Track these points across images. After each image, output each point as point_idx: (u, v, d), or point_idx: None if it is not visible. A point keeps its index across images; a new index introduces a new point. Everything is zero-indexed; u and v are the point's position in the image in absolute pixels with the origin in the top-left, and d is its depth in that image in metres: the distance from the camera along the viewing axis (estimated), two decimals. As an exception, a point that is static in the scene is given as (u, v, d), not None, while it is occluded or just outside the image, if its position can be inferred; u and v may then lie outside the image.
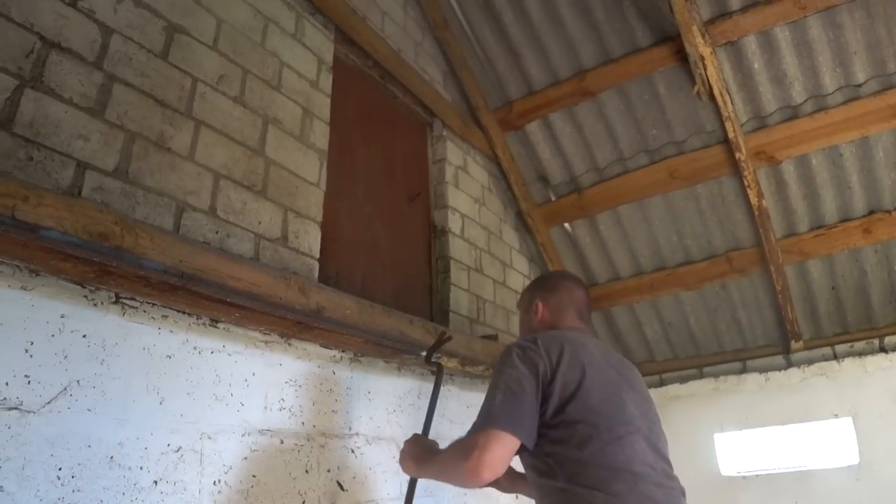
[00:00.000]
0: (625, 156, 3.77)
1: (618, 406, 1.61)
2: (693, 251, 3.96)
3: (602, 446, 1.51)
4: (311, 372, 2.09)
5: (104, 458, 1.46)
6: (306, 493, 1.94)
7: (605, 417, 1.56)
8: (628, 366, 1.88)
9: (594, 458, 1.50)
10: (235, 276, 1.60)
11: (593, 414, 1.55)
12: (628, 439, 1.55)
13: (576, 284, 2.04)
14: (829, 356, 3.90)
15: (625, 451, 1.53)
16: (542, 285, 2.07)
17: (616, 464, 1.50)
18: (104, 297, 1.55)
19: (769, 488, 3.75)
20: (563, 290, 1.98)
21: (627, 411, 1.61)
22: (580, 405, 1.56)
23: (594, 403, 1.57)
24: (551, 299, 1.96)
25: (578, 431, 1.52)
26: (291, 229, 2.12)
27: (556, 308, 1.94)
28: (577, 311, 1.95)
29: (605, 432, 1.53)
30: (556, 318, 1.93)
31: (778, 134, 3.39)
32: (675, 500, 1.55)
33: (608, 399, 1.61)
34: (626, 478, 1.48)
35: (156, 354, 1.62)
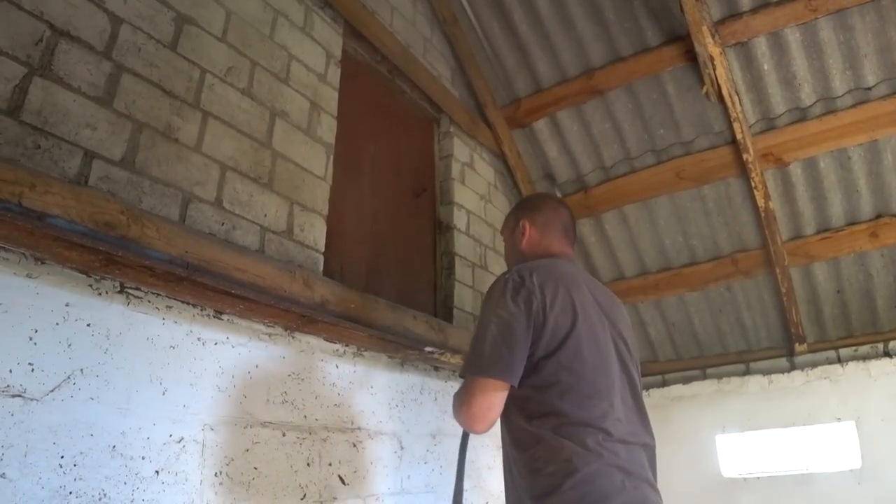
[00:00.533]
0: (632, 155, 3.76)
1: (603, 357, 1.61)
2: (699, 252, 3.95)
3: (581, 399, 1.52)
4: (314, 366, 2.09)
5: (106, 448, 1.46)
6: (307, 486, 1.94)
7: (591, 368, 1.56)
8: (613, 300, 1.85)
9: (572, 410, 1.51)
10: (240, 268, 1.60)
11: (579, 363, 1.55)
12: (606, 393, 1.56)
13: (559, 202, 2.02)
14: (833, 360, 3.89)
15: (602, 405, 1.53)
16: (525, 206, 2.02)
17: (591, 419, 1.50)
18: (109, 286, 1.54)
19: (770, 491, 3.74)
20: (547, 209, 1.93)
21: (611, 363, 1.62)
22: (568, 353, 1.55)
23: (582, 352, 1.56)
24: (537, 217, 1.91)
25: (562, 380, 1.53)
26: (297, 222, 2.12)
27: (543, 226, 1.89)
28: (563, 228, 1.90)
29: (587, 385, 1.54)
30: (545, 238, 1.88)
31: (786, 136, 3.37)
32: (636, 456, 1.57)
33: (595, 347, 1.60)
34: (598, 433, 1.49)
35: (159, 345, 1.62)
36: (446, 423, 2.68)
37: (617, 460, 1.48)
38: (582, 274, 1.80)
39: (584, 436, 1.48)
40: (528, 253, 1.88)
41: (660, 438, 4.23)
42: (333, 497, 2.02)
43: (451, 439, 2.68)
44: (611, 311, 1.75)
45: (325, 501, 1.98)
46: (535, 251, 1.86)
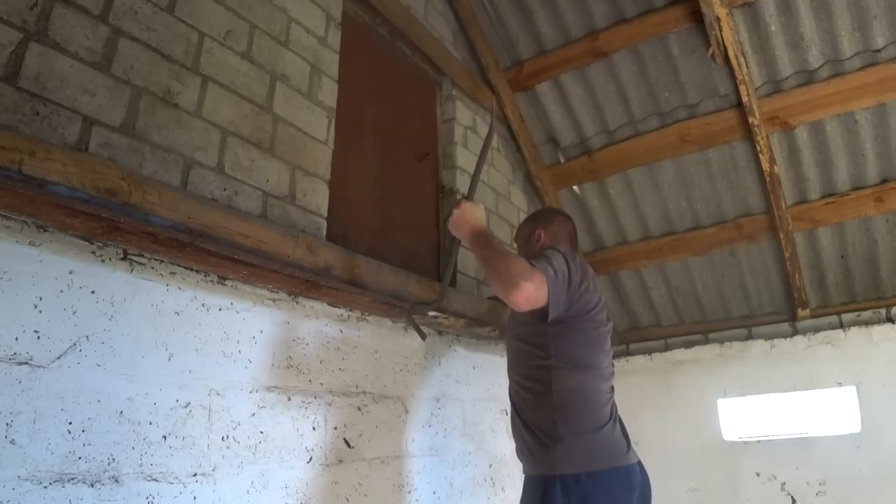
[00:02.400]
0: (636, 118, 3.72)
1: (606, 329, 2.02)
2: (702, 216, 3.92)
3: (589, 351, 1.92)
4: (319, 330, 2.10)
5: (114, 413, 1.47)
6: (313, 450, 1.97)
7: (604, 338, 2.00)
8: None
9: (581, 355, 1.90)
10: (244, 234, 1.60)
11: (595, 333, 1.95)
12: (605, 354, 1.99)
13: (566, 217, 2.33)
14: (836, 325, 3.88)
15: (598, 356, 1.96)
16: (538, 218, 2.33)
17: (594, 362, 1.93)
18: (112, 253, 1.55)
19: (770, 454, 3.78)
20: (557, 222, 2.25)
21: (609, 338, 2.05)
22: (590, 324, 1.93)
23: (598, 325, 1.96)
24: (549, 228, 2.22)
25: (578, 343, 1.90)
26: (299, 187, 2.11)
27: (554, 235, 2.19)
28: (569, 238, 2.23)
29: (595, 348, 1.95)
30: (556, 245, 2.11)
31: (793, 99, 3.32)
32: (607, 388, 1.98)
33: (604, 321, 2.01)
34: (593, 370, 1.91)
35: (164, 311, 1.63)
36: (450, 387, 2.71)
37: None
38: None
39: (585, 371, 1.97)
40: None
41: (662, 402, 4.29)
42: (339, 460, 2.05)
43: (454, 402, 2.71)
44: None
45: (331, 464, 2.02)
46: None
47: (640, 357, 4.31)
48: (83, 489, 1.37)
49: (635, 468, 1.85)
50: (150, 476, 1.50)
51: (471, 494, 2.68)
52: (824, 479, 3.63)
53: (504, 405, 3.09)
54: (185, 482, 1.57)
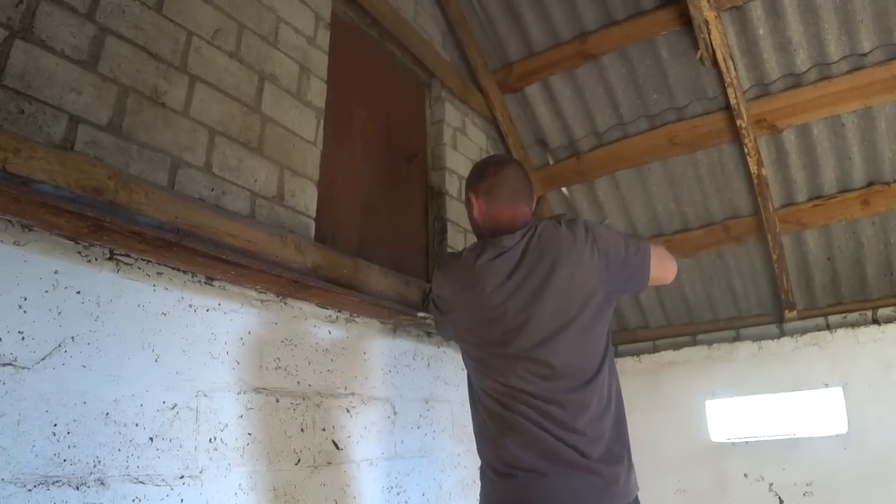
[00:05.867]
0: (625, 120, 3.73)
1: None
2: (690, 218, 3.95)
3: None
4: (307, 331, 2.09)
5: (100, 415, 1.46)
6: (302, 452, 1.95)
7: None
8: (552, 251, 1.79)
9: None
10: (231, 233, 1.59)
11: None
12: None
13: (502, 163, 1.93)
14: (822, 326, 3.91)
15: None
16: (470, 177, 1.97)
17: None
18: (98, 253, 1.53)
19: (757, 455, 3.81)
20: (489, 175, 1.87)
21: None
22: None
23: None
24: (480, 186, 1.86)
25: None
26: (288, 188, 2.10)
27: (488, 195, 1.83)
28: (510, 192, 1.83)
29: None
30: (491, 207, 1.83)
31: (780, 102, 3.34)
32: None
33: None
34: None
35: (151, 312, 1.61)
36: (439, 389, 2.70)
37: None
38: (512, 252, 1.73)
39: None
40: (481, 223, 1.87)
41: (650, 403, 4.29)
42: (328, 461, 2.04)
43: (442, 405, 2.71)
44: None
45: (320, 466, 2.00)
46: (486, 221, 1.85)
47: (628, 358, 4.33)
48: (68, 492, 1.35)
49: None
50: (136, 478, 1.48)
51: (459, 496, 2.67)
52: (811, 479, 3.66)
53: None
54: (172, 484, 1.55)
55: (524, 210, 1.84)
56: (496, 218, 1.82)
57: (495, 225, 1.81)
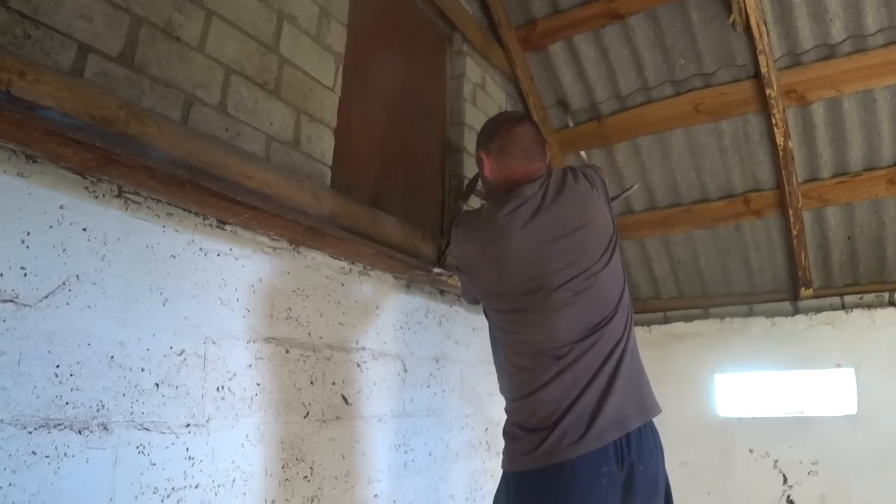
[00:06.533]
0: (649, 85, 3.61)
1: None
2: (710, 189, 3.85)
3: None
4: (320, 283, 2.02)
5: (104, 358, 1.40)
6: (310, 405, 1.90)
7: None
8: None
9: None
10: (246, 174, 1.51)
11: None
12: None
13: (513, 121, 1.90)
14: (838, 306, 3.86)
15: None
16: (480, 135, 1.95)
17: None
18: (106, 189, 1.45)
19: (764, 432, 3.78)
20: (501, 133, 1.84)
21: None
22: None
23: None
24: (492, 145, 1.84)
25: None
26: (304, 133, 2.01)
27: (500, 153, 1.82)
28: (523, 150, 1.81)
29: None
30: (503, 165, 1.81)
31: (812, 73, 3.22)
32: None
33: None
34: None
35: (159, 253, 1.54)
36: (449, 348, 2.65)
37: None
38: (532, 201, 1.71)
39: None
40: (493, 182, 1.85)
41: (659, 375, 4.28)
42: (336, 416, 1.99)
43: (453, 364, 2.66)
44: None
45: (328, 420, 1.96)
46: (499, 180, 1.83)
47: (638, 328, 4.24)
48: (70, 436, 1.30)
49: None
50: (140, 425, 1.43)
51: (466, 457, 2.64)
52: (817, 458, 3.65)
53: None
54: (177, 432, 1.50)
55: (538, 166, 1.82)
56: (509, 177, 1.80)
57: (509, 184, 1.78)
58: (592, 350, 1.61)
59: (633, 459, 1.57)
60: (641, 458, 1.59)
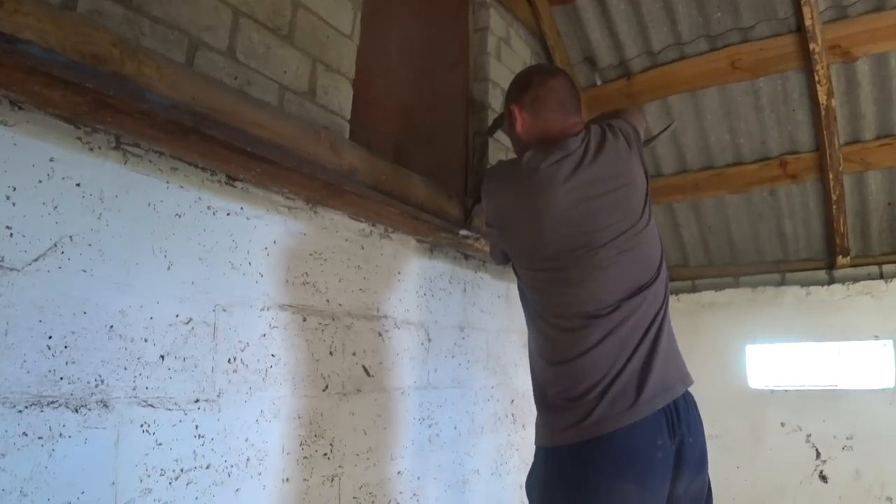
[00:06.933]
0: (683, 40, 3.38)
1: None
2: (745, 151, 3.64)
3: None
4: (339, 245, 1.87)
5: (102, 328, 1.26)
6: (329, 377, 1.77)
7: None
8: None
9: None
10: (258, 123, 1.35)
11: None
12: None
13: (547, 73, 1.79)
14: (875, 275, 3.68)
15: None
16: (511, 88, 1.82)
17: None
18: (102, 140, 1.30)
19: (797, 404, 3.64)
20: (535, 86, 1.73)
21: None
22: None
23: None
24: (525, 98, 1.73)
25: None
26: (320, 83, 1.83)
27: (533, 107, 1.71)
28: (559, 103, 1.70)
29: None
30: (538, 120, 1.70)
31: (858, 27, 2.99)
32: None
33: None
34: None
35: (163, 212, 1.39)
36: (474, 316, 2.50)
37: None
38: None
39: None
40: (526, 139, 1.73)
41: (687, 345, 4.11)
42: (357, 389, 1.86)
43: (478, 333, 2.52)
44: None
45: (349, 393, 1.82)
46: (532, 136, 1.72)
47: (666, 297, 4.12)
48: (66, 414, 1.17)
49: None
50: (144, 401, 1.29)
51: (492, 430, 2.52)
52: (852, 433, 3.51)
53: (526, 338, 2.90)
54: (185, 409, 1.37)
55: (575, 121, 1.72)
56: (544, 132, 1.69)
57: (543, 140, 1.67)
58: (638, 312, 1.53)
59: (683, 431, 1.50)
60: (691, 431, 1.52)
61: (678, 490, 1.50)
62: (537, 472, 1.55)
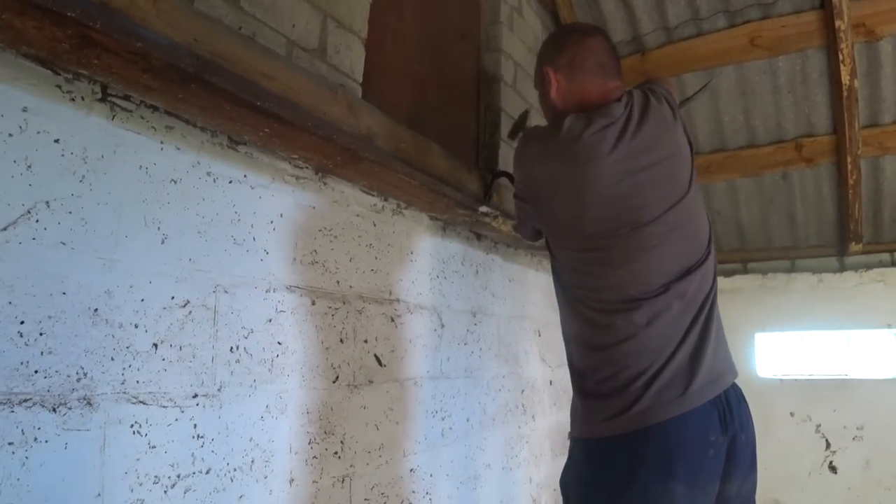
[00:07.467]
0: (701, 15, 3.21)
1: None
2: (759, 133, 3.51)
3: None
4: (349, 221, 1.68)
5: (85, 311, 1.06)
6: (340, 367, 1.59)
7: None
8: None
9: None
10: (268, 74, 1.15)
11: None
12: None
13: (585, 32, 1.63)
14: (887, 262, 3.62)
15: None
16: (545, 49, 1.68)
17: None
18: (86, 89, 1.10)
19: (806, 394, 3.55)
20: (571, 45, 1.58)
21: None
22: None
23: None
24: (560, 60, 1.58)
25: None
26: (331, 41, 1.63)
27: (570, 69, 1.56)
28: (597, 65, 1.55)
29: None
30: (575, 83, 1.55)
31: (886, 4, 2.85)
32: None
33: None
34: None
35: (157, 177, 1.20)
36: (486, 301, 2.34)
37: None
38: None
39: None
40: (561, 105, 1.57)
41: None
42: (369, 380, 1.68)
43: (490, 319, 2.35)
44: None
45: (360, 385, 1.64)
46: (568, 102, 1.56)
47: (673, 283, 3.99)
48: (42, 414, 0.98)
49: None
50: (135, 397, 1.10)
51: (503, 422, 2.36)
52: (863, 423, 3.45)
53: (536, 325, 2.75)
54: (182, 405, 1.18)
55: (616, 85, 1.57)
56: (582, 96, 1.54)
57: (581, 105, 1.52)
58: (688, 294, 1.41)
59: (736, 428, 1.38)
60: (743, 427, 1.41)
61: (729, 491, 1.39)
62: (576, 467, 1.42)
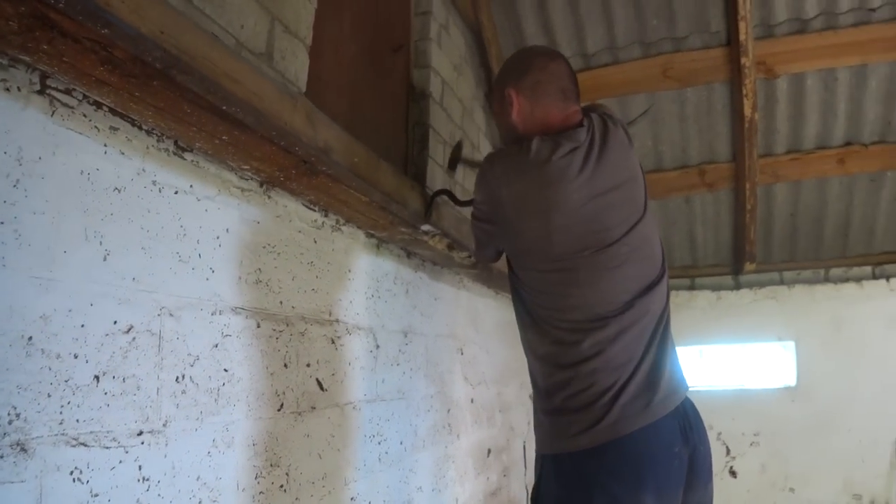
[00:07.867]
0: (617, 44, 3.35)
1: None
2: (666, 158, 3.73)
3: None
4: (292, 238, 1.58)
5: (17, 340, 0.91)
6: (284, 394, 1.47)
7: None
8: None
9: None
10: (232, 76, 1.05)
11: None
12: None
13: (549, 56, 1.65)
14: (777, 281, 3.95)
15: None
16: (507, 70, 1.68)
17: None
18: (22, 78, 0.94)
19: (707, 404, 3.69)
20: (536, 69, 1.58)
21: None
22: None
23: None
24: (524, 82, 1.58)
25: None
26: (278, 46, 1.53)
27: (533, 92, 1.56)
28: (560, 90, 1.57)
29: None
30: (538, 106, 1.57)
31: (783, 46, 3.11)
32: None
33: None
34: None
35: (99, 185, 1.06)
36: (416, 320, 2.28)
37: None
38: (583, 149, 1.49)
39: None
40: (522, 128, 1.58)
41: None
42: (312, 406, 1.58)
43: (419, 338, 2.30)
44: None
45: (304, 412, 1.54)
46: (529, 125, 1.57)
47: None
48: (-34, 462, 0.83)
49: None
50: (75, 439, 0.96)
51: (432, 443, 2.30)
52: (759, 430, 3.80)
53: (459, 343, 2.72)
54: (126, 445, 1.04)
55: (575, 109, 1.60)
56: (544, 120, 1.56)
57: (543, 128, 1.53)
58: (650, 310, 1.47)
59: (696, 440, 1.45)
60: (701, 439, 1.49)
61: (690, 501, 1.45)
62: (548, 483, 1.43)
